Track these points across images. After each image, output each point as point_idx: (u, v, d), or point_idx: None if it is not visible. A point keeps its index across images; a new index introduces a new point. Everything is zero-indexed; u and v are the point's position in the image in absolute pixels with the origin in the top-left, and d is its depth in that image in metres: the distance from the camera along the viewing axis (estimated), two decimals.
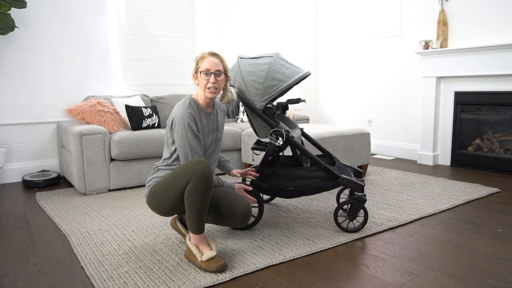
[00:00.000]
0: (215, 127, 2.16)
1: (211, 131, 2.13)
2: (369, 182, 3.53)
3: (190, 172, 1.85)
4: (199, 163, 1.86)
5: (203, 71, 2.00)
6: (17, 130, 3.75)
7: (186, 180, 1.86)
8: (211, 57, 2.02)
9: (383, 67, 4.88)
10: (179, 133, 1.97)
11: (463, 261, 1.98)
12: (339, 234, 2.32)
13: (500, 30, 3.75)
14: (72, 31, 3.92)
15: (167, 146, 2.09)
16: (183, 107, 2.01)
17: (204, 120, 2.07)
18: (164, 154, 2.12)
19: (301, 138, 2.63)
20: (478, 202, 2.95)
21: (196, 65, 2.05)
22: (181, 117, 1.97)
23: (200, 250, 1.93)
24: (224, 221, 2.07)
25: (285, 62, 2.37)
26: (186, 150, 1.96)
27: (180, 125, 1.96)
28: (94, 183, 3.26)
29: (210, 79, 2.00)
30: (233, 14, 4.94)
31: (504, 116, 3.88)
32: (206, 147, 2.11)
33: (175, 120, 1.99)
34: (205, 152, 2.11)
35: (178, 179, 1.90)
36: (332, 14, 5.51)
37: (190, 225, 1.92)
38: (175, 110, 2.03)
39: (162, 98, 4.12)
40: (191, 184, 1.85)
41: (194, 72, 2.06)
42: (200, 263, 1.89)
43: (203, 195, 1.86)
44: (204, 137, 2.07)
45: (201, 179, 1.84)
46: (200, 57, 2.04)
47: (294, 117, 4.59)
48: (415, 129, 4.61)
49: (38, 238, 2.35)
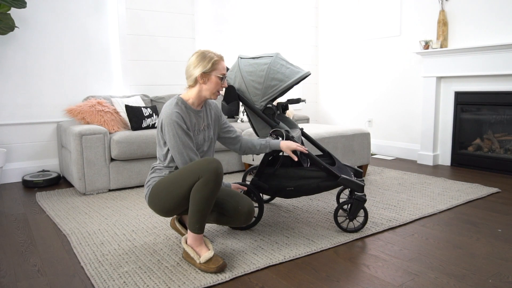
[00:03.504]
0: (205, 124, 2.13)
1: (202, 129, 2.11)
2: (369, 182, 3.53)
3: (202, 169, 1.85)
4: (212, 161, 1.87)
5: (220, 76, 2.02)
6: (17, 130, 3.75)
7: (196, 177, 1.85)
8: (223, 61, 2.07)
9: (383, 67, 4.88)
10: (170, 133, 1.95)
11: (463, 261, 1.98)
12: (339, 234, 2.32)
13: (500, 30, 3.75)
14: (72, 31, 3.92)
15: (160, 147, 2.08)
16: (170, 107, 1.99)
17: (193, 119, 2.05)
18: (158, 155, 2.11)
19: (301, 138, 2.63)
20: (478, 202, 2.94)
21: (210, 66, 2.00)
22: (169, 117, 1.95)
23: (197, 252, 1.92)
24: (227, 220, 2.07)
25: (285, 62, 2.37)
26: (180, 148, 1.95)
27: (169, 125, 1.95)
28: (94, 183, 3.26)
29: (224, 84, 2.06)
30: (233, 14, 4.93)
31: (504, 116, 3.88)
32: (199, 145, 2.09)
33: (163, 121, 1.98)
34: (198, 150, 2.09)
35: (187, 176, 1.88)
36: (332, 14, 5.50)
37: (192, 223, 1.91)
38: (163, 111, 2.01)
39: (162, 98, 4.13)
40: (201, 181, 1.84)
41: (204, 72, 2.00)
42: (199, 265, 1.89)
43: (211, 193, 1.86)
44: (194, 135, 2.06)
45: (212, 177, 1.84)
46: (215, 60, 2.01)
47: (294, 117, 4.59)
48: (415, 129, 4.61)
49: (38, 238, 2.35)
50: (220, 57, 2.04)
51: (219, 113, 2.25)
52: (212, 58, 2.01)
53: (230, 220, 2.06)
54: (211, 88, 2.03)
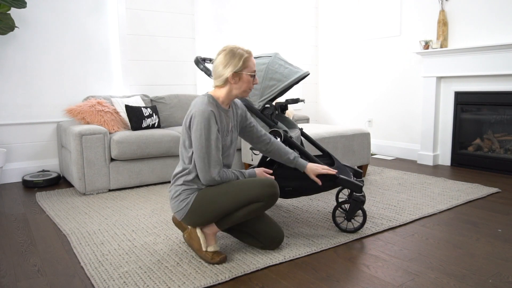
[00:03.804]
0: (233, 125, 2.02)
1: (230, 130, 2.00)
2: (369, 182, 3.53)
3: (265, 194, 1.87)
4: (275, 186, 1.90)
5: (251, 74, 1.91)
6: (17, 130, 3.75)
7: (256, 199, 1.87)
8: (252, 57, 1.94)
9: (383, 67, 4.88)
10: (197, 132, 1.82)
11: (463, 261, 1.98)
12: (339, 234, 2.32)
13: (500, 30, 3.75)
14: (72, 31, 3.92)
15: (184, 148, 1.93)
16: (203, 105, 1.84)
17: (223, 120, 1.94)
18: (182, 156, 1.95)
19: (301, 138, 2.63)
20: (478, 202, 2.94)
21: (241, 64, 1.87)
22: (202, 114, 1.81)
23: (208, 241, 1.99)
24: (256, 244, 2.10)
25: (284, 62, 2.37)
26: (203, 153, 1.83)
27: (201, 123, 1.81)
28: (94, 183, 3.26)
29: (255, 81, 1.95)
30: (233, 14, 4.94)
31: (504, 116, 3.88)
32: (226, 147, 1.99)
33: (194, 117, 1.83)
34: (223, 153, 1.99)
35: (248, 195, 1.86)
36: (332, 14, 5.50)
37: (225, 223, 1.95)
38: (195, 107, 1.86)
39: (162, 98, 4.13)
40: (261, 205, 1.89)
41: (235, 71, 1.88)
42: (204, 252, 1.95)
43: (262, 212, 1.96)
44: (223, 137, 1.95)
45: (273, 202, 1.91)
46: (245, 57, 1.89)
47: (294, 117, 4.59)
48: (415, 129, 4.61)
49: (38, 238, 2.35)
50: (249, 53, 1.91)
51: (244, 112, 2.12)
52: (243, 56, 1.88)
53: (258, 244, 2.09)
54: (243, 87, 1.91)
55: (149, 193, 3.28)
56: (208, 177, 1.87)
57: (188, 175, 1.93)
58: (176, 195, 1.95)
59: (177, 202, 1.95)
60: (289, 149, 2.19)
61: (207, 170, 1.86)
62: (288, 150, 2.18)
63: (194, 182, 1.93)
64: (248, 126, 2.12)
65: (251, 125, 2.13)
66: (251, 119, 2.14)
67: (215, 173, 1.87)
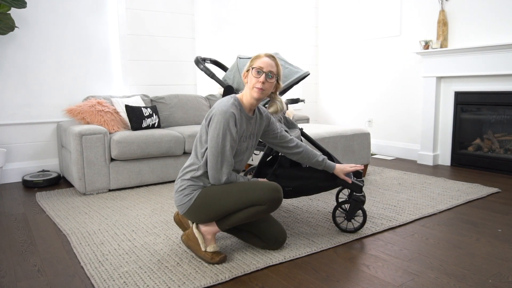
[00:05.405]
0: (253, 133, 2.05)
1: (248, 136, 2.02)
2: (369, 182, 3.53)
3: (268, 198, 1.88)
4: (279, 190, 1.91)
5: (256, 68, 1.91)
6: (17, 130, 3.75)
7: (259, 202, 1.88)
8: (266, 58, 1.94)
9: (383, 67, 4.88)
10: (215, 132, 1.85)
11: (463, 261, 1.98)
12: (339, 234, 2.32)
13: (500, 30, 3.75)
14: (72, 31, 3.92)
15: (200, 143, 1.96)
16: (226, 105, 1.87)
17: (244, 124, 1.96)
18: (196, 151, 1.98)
19: (301, 138, 2.63)
20: (478, 202, 2.94)
21: (249, 63, 1.95)
22: (223, 115, 1.84)
23: (206, 241, 1.98)
24: (258, 244, 2.10)
25: (284, 62, 2.37)
26: (218, 153, 1.85)
27: (220, 123, 1.84)
28: (94, 183, 3.26)
29: (260, 78, 1.90)
30: (233, 14, 4.93)
31: (504, 116, 3.88)
32: (240, 152, 2.00)
33: (215, 115, 1.86)
34: (236, 157, 1.99)
35: (251, 197, 1.87)
36: (332, 14, 5.50)
37: (226, 223, 1.95)
38: (217, 106, 1.90)
39: (162, 98, 4.13)
40: (263, 208, 1.89)
41: (246, 70, 1.96)
42: (204, 253, 1.95)
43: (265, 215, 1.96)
44: (240, 142, 1.97)
45: (276, 206, 1.92)
46: (256, 55, 1.95)
47: (294, 117, 4.59)
48: (415, 129, 4.61)
49: (38, 238, 2.35)
50: (263, 54, 1.96)
51: (268, 121, 2.10)
52: (254, 56, 1.96)
53: (262, 245, 2.09)
54: (250, 83, 1.93)
55: (149, 193, 3.28)
56: (217, 176, 1.90)
57: (196, 171, 1.95)
58: (181, 189, 1.97)
59: (181, 196, 1.97)
60: (316, 152, 2.23)
61: (218, 169, 1.88)
62: (316, 152, 2.22)
63: (201, 179, 1.96)
64: (272, 133, 2.13)
65: (275, 133, 2.13)
66: (277, 129, 2.14)
67: (225, 174, 1.90)
